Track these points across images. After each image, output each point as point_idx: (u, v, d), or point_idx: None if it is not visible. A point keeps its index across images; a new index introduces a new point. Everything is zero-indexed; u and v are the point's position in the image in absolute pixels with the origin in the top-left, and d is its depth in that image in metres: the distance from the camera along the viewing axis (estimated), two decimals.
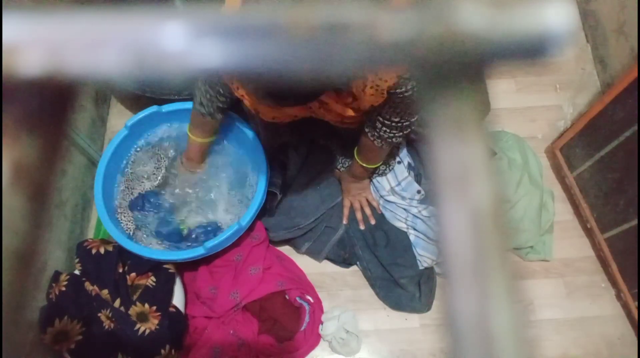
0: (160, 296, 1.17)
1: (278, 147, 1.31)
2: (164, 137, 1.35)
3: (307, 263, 1.35)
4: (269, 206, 1.29)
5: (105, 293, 1.15)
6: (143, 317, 1.14)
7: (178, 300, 1.20)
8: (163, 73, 0.15)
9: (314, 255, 1.34)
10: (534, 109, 1.55)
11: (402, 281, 1.28)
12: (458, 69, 0.16)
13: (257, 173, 1.28)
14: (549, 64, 0.16)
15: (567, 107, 1.55)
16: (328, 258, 1.35)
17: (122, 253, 1.18)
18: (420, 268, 1.28)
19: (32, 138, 0.16)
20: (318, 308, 1.29)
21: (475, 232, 0.16)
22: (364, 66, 0.16)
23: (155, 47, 0.15)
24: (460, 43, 0.15)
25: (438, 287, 1.32)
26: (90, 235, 1.37)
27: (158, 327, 1.13)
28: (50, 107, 0.17)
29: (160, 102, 1.30)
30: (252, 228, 1.27)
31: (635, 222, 1.15)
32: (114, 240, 1.16)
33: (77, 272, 1.18)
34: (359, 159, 1.17)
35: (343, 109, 0.99)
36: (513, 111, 1.54)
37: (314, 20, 0.15)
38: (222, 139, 1.35)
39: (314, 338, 1.26)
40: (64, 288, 1.13)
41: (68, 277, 1.15)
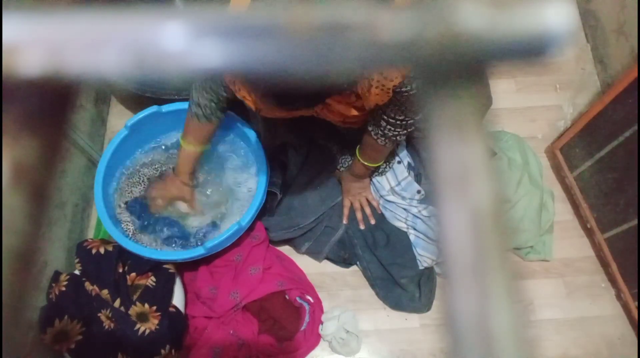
0: (160, 296, 1.17)
1: (278, 147, 1.31)
2: (165, 138, 1.35)
3: (307, 263, 1.35)
4: (269, 206, 1.29)
5: (105, 293, 1.15)
6: (143, 317, 1.14)
7: (178, 300, 1.20)
8: (163, 73, 0.15)
9: (314, 255, 1.34)
10: (534, 109, 1.55)
11: (402, 281, 1.28)
12: (458, 69, 0.16)
13: (257, 173, 1.28)
14: (549, 64, 0.16)
15: (567, 107, 1.55)
16: (328, 258, 1.35)
17: (122, 253, 1.18)
18: (420, 268, 1.28)
19: (32, 138, 0.16)
20: (318, 308, 1.29)
21: (475, 232, 0.16)
22: (364, 66, 0.16)
23: (155, 47, 0.15)
24: (461, 43, 0.15)
25: (438, 287, 1.32)
26: (90, 235, 1.37)
27: (158, 327, 1.13)
28: (50, 107, 0.17)
29: (160, 102, 1.30)
30: (252, 228, 1.27)
31: (635, 222, 1.15)
32: (114, 240, 1.16)
33: (77, 272, 1.18)
34: (361, 158, 1.17)
35: (346, 109, 0.99)
36: (513, 111, 1.54)
37: (314, 20, 0.15)
38: (222, 139, 1.35)
39: (314, 338, 1.26)
40: (64, 288, 1.13)
41: (68, 277, 1.15)
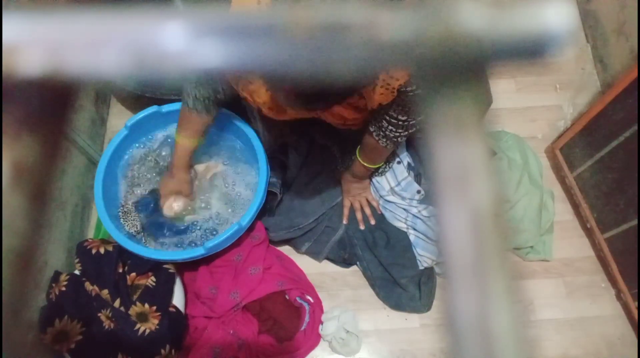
0: (160, 296, 1.17)
1: (278, 147, 1.31)
2: (165, 138, 1.35)
3: (307, 263, 1.35)
4: (269, 206, 1.29)
5: (105, 293, 1.15)
6: (143, 317, 1.14)
7: (178, 300, 1.20)
8: (163, 73, 0.15)
9: (314, 255, 1.34)
10: (534, 109, 1.55)
11: (402, 281, 1.28)
12: (458, 69, 0.16)
13: (257, 173, 1.28)
14: (549, 64, 0.16)
15: (567, 107, 1.55)
16: (328, 258, 1.35)
17: (122, 253, 1.18)
18: (420, 268, 1.28)
19: (32, 138, 0.16)
20: (318, 308, 1.29)
21: (475, 232, 0.16)
22: (364, 66, 0.16)
23: (155, 47, 0.15)
24: (460, 43, 0.15)
25: (438, 287, 1.32)
26: (90, 235, 1.37)
27: (158, 327, 1.13)
28: (50, 107, 0.17)
29: (160, 102, 1.30)
30: (252, 228, 1.27)
31: (635, 222, 1.15)
32: (114, 240, 1.16)
33: (77, 272, 1.18)
34: (362, 159, 1.17)
35: (346, 111, 0.99)
36: (513, 111, 1.54)
37: (314, 20, 0.15)
38: (222, 139, 1.35)
39: (314, 338, 1.26)
40: (64, 288, 1.13)
41: (68, 277, 1.15)
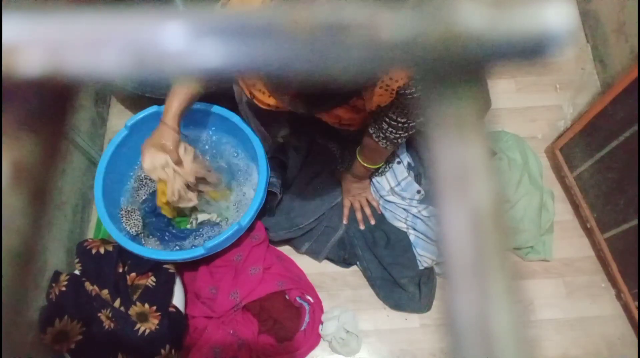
0: (160, 296, 1.17)
1: (278, 147, 1.31)
2: None
3: (307, 263, 1.35)
4: (269, 206, 1.29)
5: (105, 293, 1.15)
6: (143, 317, 1.14)
7: (178, 300, 1.20)
8: (163, 73, 0.15)
9: (314, 255, 1.34)
10: (534, 109, 1.55)
11: (402, 281, 1.28)
12: (458, 69, 0.16)
13: (257, 173, 1.28)
14: (549, 64, 0.16)
15: (567, 107, 1.55)
16: (328, 258, 1.35)
17: (122, 253, 1.18)
18: (420, 268, 1.28)
19: (32, 138, 0.16)
20: (318, 308, 1.29)
21: (475, 232, 0.16)
22: (364, 66, 0.16)
23: (155, 47, 0.15)
24: (460, 43, 0.15)
25: (438, 287, 1.32)
26: (90, 235, 1.37)
27: (158, 327, 1.13)
28: (50, 107, 0.17)
29: (160, 102, 1.29)
30: (252, 228, 1.27)
31: (635, 222, 1.15)
32: (114, 240, 1.16)
33: (77, 272, 1.18)
34: (362, 160, 1.17)
35: (343, 111, 0.99)
36: (513, 111, 1.54)
37: (314, 20, 0.15)
38: (221, 139, 1.35)
39: (314, 338, 1.26)
40: (64, 288, 1.13)
41: (68, 277, 1.15)
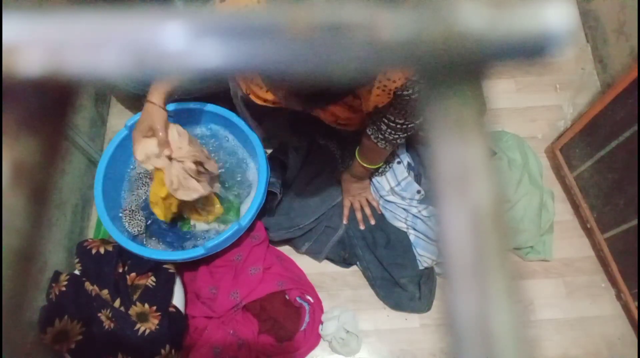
0: (160, 296, 1.17)
1: (278, 147, 1.31)
2: None
3: (307, 263, 1.35)
4: (269, 206, 1.29)
5: (105, 293, 1.15)
6: (143, 317, 1.14)
7: (178, 300, 1.20)
8: (163, 73, 0.15)
9: (314, 255, 1.34)
10: (534, 109, 1.55)
11: (402, 281, 1.28)
12: (458, 69, 0.16)
13: (257, 173, 1.28)
14: (549, 64, 0.16)
15: (567, 107, 1.54)
16: (328, 258, 1.35)
17: (122, 253, 1.18)
18: (420, 268, 1.28)
19: (32, 138, 0.16)
20: (318, 308, 1.29)
21: (475, 232, 0.16)
22: (364, 66, 0.16)
23: (155, 47, 0.15)
24: (460, 43, 0.15)
25: (438, 287, 1.32)
26: (90, 235, 1.37)
27: (158, 327, 1.13)
28: (50, 107, 0.17)
29: None
30: (252, 228, 1.27)
31: (635, 222, 1.15)
32: (114, 240, 1.16)
33: (77, 272, 1.18)
34: (361, 160, 1.17)
35: (340, 110, 0.99)
36: (513, 111, 1.54)
37: (314, 20, 0.15)
38: (221, 139, 1.35)
39: (314, 338, 1.26)
40: (64, 288, 1.13)
41: (68, 277, 1.15)
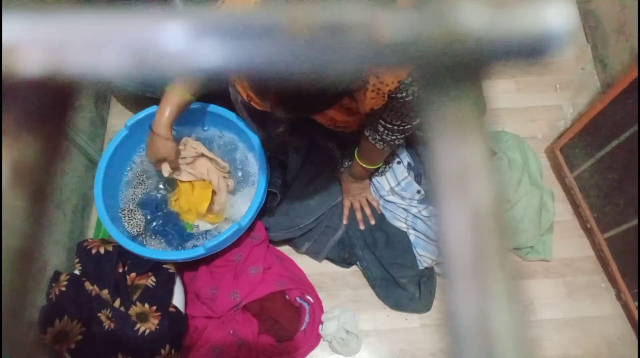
0: (160, 296, 1.17)
1: (278, 147, 1.31)
2: None
3: (307, 263, 1.35)
4: (269, 206, 1.29)
5: (105, 293, 1.15)
6: (143, 317, 1.14)
7: (178, 300, 1.20)
8: (163, 73, 0.15)
9: (314, 255, 1.34)
10: (534, 109, 1.55)
11: (402, 281, 1.28)
12: (458, 69, 0.16)
13: (257, 173, 1.28)
14: (549, 64, 0.16)
15: (567, 107, 1.54)
16: (328, 258, 1.35)
17: (122, 253, 1.18)
18: (420, 268, 1.28)
19: (32, 138, 0.16)
20: (318, 308, 1.29)
21: (475, 232, 0.16)
22: (364, 66, 0.16)
23: (155, 47, 0.15)
24: (460, 43, 0.15)
25: (438, 287, 1.32)
26: (90, 235, 1.37)
27: (158, 327, 1.13)
28: (50, 107, 0.17)
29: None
30: (252, 228, 1.27)
31: (635, 222, 1.15)
32: (114, 240, 1.16)
33: (77, 272, 1.18)
34: (360, 161, 1.17)
35: (337, 113, 0.99)
36: (513, 111, 1.54)
37: (314, 21, 0.15)
38: (221, 139, 1.35)
39: (314, 338, 1.26)
40: (64, 288, 1.13)
41: (68, 277, 1.15)
